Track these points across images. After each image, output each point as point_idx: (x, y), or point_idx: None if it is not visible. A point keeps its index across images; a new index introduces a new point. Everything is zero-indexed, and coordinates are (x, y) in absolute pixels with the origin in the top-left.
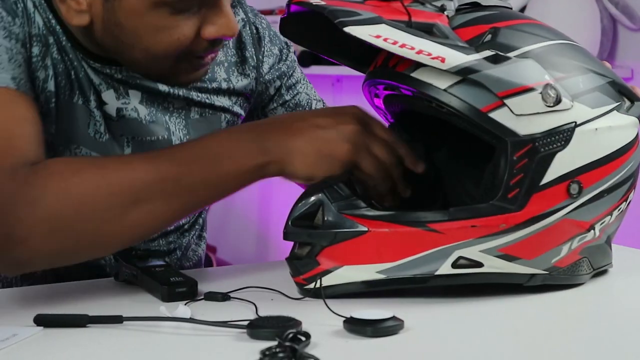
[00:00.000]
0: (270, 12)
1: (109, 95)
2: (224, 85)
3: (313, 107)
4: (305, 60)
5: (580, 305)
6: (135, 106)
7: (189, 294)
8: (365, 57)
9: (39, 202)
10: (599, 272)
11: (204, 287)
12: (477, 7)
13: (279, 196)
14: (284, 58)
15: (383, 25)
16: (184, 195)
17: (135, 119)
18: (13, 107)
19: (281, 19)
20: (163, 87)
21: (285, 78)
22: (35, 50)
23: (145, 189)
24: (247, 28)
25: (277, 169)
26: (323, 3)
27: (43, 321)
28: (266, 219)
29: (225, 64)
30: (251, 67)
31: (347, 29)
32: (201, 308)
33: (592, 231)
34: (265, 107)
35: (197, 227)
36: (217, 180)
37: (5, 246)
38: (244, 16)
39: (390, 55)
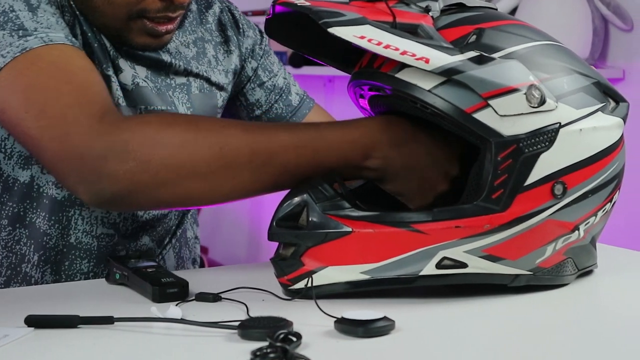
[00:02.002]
0: (262, 13)
1: (123, 63)
2: (214, 62)
3: (291, 91)
4: (296, 60)
5: (565, 306)
6: (143, 78)
7: (180, 294)
8: (350, 58)
9: (128, 148)
10: (584, 273)
11: (195, 288)
12: (462, 8)
13: (271, 197)
14: (258, 42)
15: (368, 26)
16: (273, 173)
17: (147, 87)
18: (79, 59)
19: (266, 19)
20: (167, 57)
21: (262, 60)
22: (66, 19)
23: (235, 155)
24: (224, 13)
25: (375, 176)
26: (308, 4)
27: (34, 322)
28: (258, 220)
29: (213, 43)
30: (234, 45)
31: (331, 30)
32: (192, 309)
33: (577, 232)
34: (244, 88)
35: (194, 213)
36: (310, 168)
37: (93, 182)
38: (219, 4)
39: (375, 56)
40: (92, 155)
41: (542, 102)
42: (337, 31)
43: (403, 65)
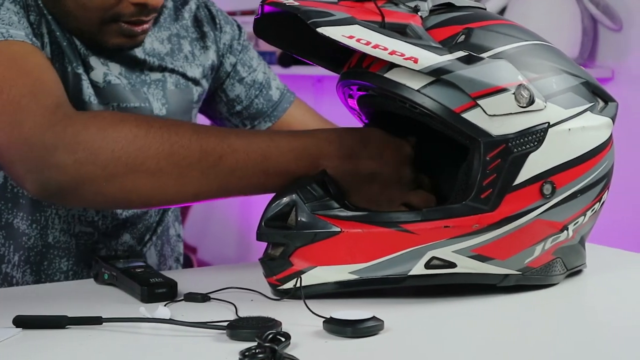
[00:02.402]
0: (252, 13)
1: (94, 61)
2: (190, 57)
3: (271, 86)
4: (285, 60)
5: (554, 306)
6: (117, 75)
7: (169, 294)
8: (339, 58)
9: (79, 139)
10: (573, 272)
11: (183, 288)
12: (450, 7)
13: (261, 196)
14: (236, 37)
15: (356, 26)
16: (221, 175)
17: (119, 84)
18: (36, 56)
19: (255, 19)
20: (141, 54)
21: (240, 55)
22: (32, 18)
23: (185, 154)
24: (200, 9)
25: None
26: (296, 4)
27: (22, 322)
28: (247, 220)
29: (188, 39)
30: (211, 40)
31: (320, 30)
32: (181, 309)
33: (566, 231)
34: (223, 84)
35: (176, 211)
36: (258, 173)
37: (40, 172)
38: (196, 0)
39: (364, 55)
40: (42, 144)
41: (531, 101)
42: (326, 31)
43: (392, 65)
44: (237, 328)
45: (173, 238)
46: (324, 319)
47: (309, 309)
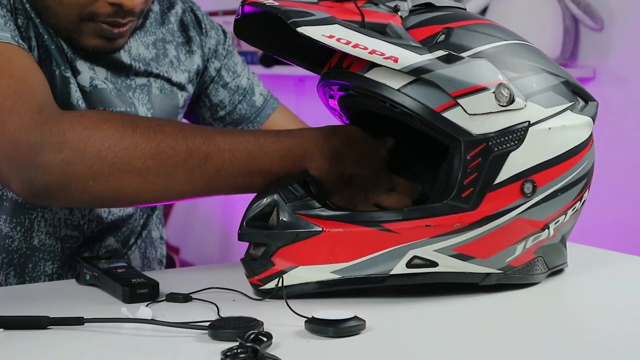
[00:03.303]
0: (233, 13)
1: (82, 65)
2: (175, 62)
3: (255, 91)
4: (267, 60)
5: (535, 305)
6: (103, 80)
7: (151, 295)
8: (320, 58)
9: (65, 138)
10: (555, 272)
11: (165, 288)
12: (430, 7)
13: (243, 196)
14: (221, 42)
15: (336, 26)
16: (207, 174)
17: (106, 88)
18: (22, 58)
19: (235, 20)
20: (127, 59)
21: (225, 60)
22: (19, 21)
23: (171, 153)
24: (187, 14)
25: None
26: (276, 4)
27: (3, 323)
28: (230, 220)
29: (174, 43)
30: (196, 45)
31: (300, 29)
32: (163, 309)
33: (547, 230)
34: (207, 88)
35: (160, 213)
36: (244, 173)
37: (26, 171)
38: (182, 5)
39: (345, 55)
40: (27, 144)
41: (511, 100)
42: (306, 30)
43: (372, 65)
44: (218, 328)
45: (157, 241)
46: (305, 319)
47: (290, 308)
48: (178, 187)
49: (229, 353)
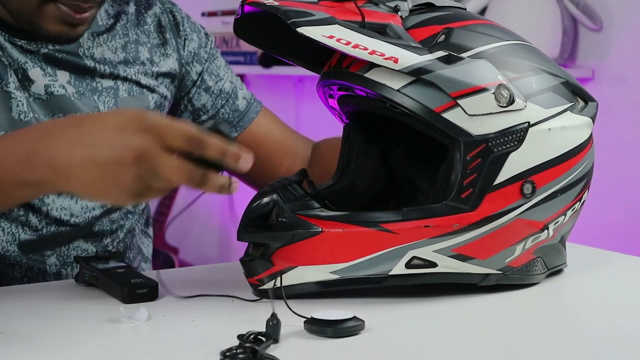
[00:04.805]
0: (232, 13)
1: (35, 73)
2: (148, 64)
3: (238, 95)
4: (266, 60)
5: (534, 305)
6: (63, 84)
7: (149, 295)
8: (319, 58)
9: None
10: (554, 272)
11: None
12: (430, 7)
13: (241, 196)
14: (203, 45)
15: (336, 26)
16: None
17: (64, 95)
18: None
19: (235, 19)
20: (90, 63)
21: (207, 64)
22: None
23: None
24: (165, 15)
25: (56, 189)
26: (276, 4)
27: None
28: (228, 220)
29: (148, 45)
30: (172, 48)
31: (300, 30)
32: (161, 309)
33: (546, 231)
34: (189, 92)
35: (140, 211)
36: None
37: None
38: (161, 6)
39: (344, 55)
40: None
41: (511, 101)
42: (306, 31)
43: (372, 65)
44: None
45: (138, 237)
46: (304, 319)
47: (290, 309)
48: None
49: (228, 353)
